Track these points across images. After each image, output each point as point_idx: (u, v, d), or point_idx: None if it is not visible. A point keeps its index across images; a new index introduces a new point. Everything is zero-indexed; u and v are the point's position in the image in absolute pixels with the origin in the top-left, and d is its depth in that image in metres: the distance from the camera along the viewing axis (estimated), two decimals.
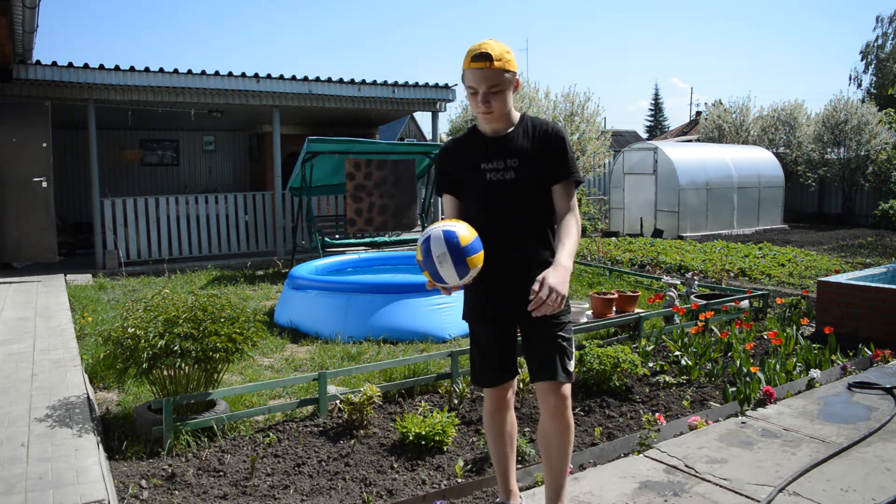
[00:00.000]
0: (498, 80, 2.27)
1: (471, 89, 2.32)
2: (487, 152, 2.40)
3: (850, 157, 17.34)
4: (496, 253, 2.35)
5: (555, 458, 2.42)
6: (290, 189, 10.51)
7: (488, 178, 2.38)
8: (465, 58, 2.31)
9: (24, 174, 9.58)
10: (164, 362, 3.57)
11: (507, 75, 2.29)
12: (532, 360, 2.43)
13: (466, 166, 2.43)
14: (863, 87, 33.87)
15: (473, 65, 2.26)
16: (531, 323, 2.36)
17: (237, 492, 3.07)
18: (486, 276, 2.36)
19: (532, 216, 2.40)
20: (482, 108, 2.31)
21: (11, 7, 6.52)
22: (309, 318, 6.10)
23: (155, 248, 10.39)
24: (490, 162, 2.38)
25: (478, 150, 2.42)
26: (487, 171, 2.38)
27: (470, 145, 2.45)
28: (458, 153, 2.48)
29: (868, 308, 5.35)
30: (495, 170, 2.37)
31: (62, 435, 3.35)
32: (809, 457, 3.12)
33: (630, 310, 5.83)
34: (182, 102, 10.54)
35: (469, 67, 2.29)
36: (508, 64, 2.29)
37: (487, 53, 2.24)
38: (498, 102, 2.31)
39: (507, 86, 2.31)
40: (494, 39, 2.32)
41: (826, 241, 13.29)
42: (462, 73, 2.34)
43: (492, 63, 2.25)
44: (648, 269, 9.66)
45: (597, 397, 4.23)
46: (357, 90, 11.32)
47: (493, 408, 2.58)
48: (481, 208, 2.41)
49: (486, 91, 2.28)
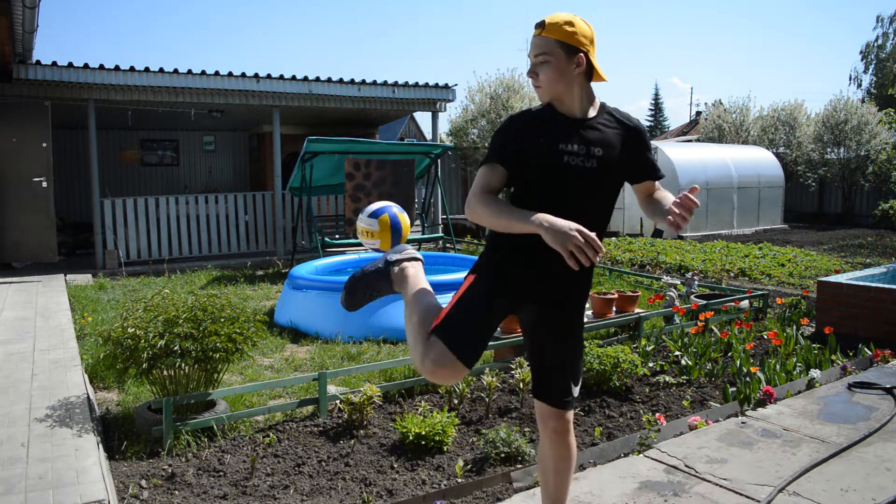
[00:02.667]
0: (545, 49, 2.04)
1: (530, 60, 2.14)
2: (569, 133, 2.09)
3: (850, 157, 17.34)
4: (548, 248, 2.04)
5: (553, 482, 2.28)
6: (290, 189, 10.52)
7: (566, 161, 2.06)
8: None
9: (24, 174, 9.59)
10: (164, 362, 3.57)
11: (560, 48, 2.03)
12: (540, 376, 2.22)
13: (541, 143, 2.07)
14: (863, 87, 33.89)
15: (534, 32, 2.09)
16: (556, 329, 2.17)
17: (237, 492, 3.07)
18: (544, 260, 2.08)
19: (601, 212, 2.17)
20: (532, 79, 2.10)
21: (11, 7, 6.53)
22: (309, 318, 6.10)
23: (155, 248, 10.39)
24: (570, 144, 2.07)
25: (556, 127, 2.10)
26: (566, 153, 2.07)
27: (546, 120, 2.12)
28: (532, 125, 2.12)
29: (868, 308, 5.35)
30: (576, 154, 2.07)
31: (62, 435, 3.35)
32: (809, 457, 3.12)
33: (630, 310, 5.83)
34: (182, 102, 10.55)
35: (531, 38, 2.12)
36: (564, 35, 2.03)
37: (542, 20, 2.06)
38: (545, 75, 2.06)
39: (559, 59, 2.04)
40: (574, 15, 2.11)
41: (826, 241, 13.29)
42: None
43: (542, 30, 2.06)
44: (648, 269, 9.66)
45: (597, 397, 4.23)
46: (357, 90, 11.32)
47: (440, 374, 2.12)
48: (552, 193, 2.08)
49: (534, 60, 2.08)
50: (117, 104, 10.20)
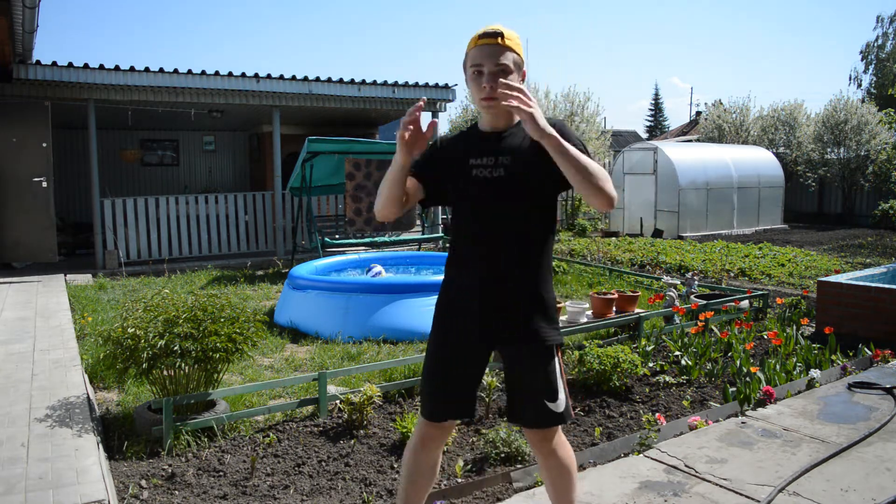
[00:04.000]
0: (507, 61, 2.02)
1: (475, 68, 2.04)
2: (480, 147, 2.12)
3: (849, 157, 17.34)
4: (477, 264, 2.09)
5: (554, 494, 2.23)
6: (290, 189, 10.52)
7: (473, 175, 2.10)
8: (469, 41, 2.09)
9: (24, 174, 9.59)
10: (164, 362, 3.57)
11: (517, 58, 2.06)
12: (515, 401, 2.16)
13: (454, 162, 2.14)
14: (863, 87, 33.87)
15: (482, 41, 2.04)
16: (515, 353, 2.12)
17: (237, 492, 3.07)
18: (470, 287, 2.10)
19: (524, 216, 2.08)
20: (486, 90, 2.02)
21: (11, 7, 6.53)
22: (309, 318, 6.10)
23: (155, 248, 10.39)
24: (480, 158, 2.11)
25: (470, 146, 2.15)
26: (474, 166, 2.10)
27: (463, 141, 2.19)
28: (449, 146, 2.20)
29: (868, 308, 5.35)
30: (483, 166, 2.09)
31: (62, 435, 3.35)
32: (809, 457, 3.11)
33: (630, 310, 5.83)
34: (182, 102, 10.55)
35: (476, 45, 2.05)
36: (518, 48, 2.06)
37: (499, 31, 2.03)
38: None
39: (516, 71, 2.05)
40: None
41: (826, 241, 13.29)
42: (465, 57, 2.10)
43: (503, 39, 2.03)
44: (648, 269, 9.66)
45: (597, 397, 4.23)
46: (357, 90, 11.32)
47: (427, 442, 2.22)
48: (466, 206, 2.13)
49: (494, 70, 2.01)
50: (117, 104, 10.20)
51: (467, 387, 2.19)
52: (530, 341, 2.09)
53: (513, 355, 2.14)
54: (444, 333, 2.18)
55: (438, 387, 2.18)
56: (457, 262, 2.19)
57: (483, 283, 2.09)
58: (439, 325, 2.20)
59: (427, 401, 2.20)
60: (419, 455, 2.24)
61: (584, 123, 15.14)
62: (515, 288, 2.09)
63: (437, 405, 2.18)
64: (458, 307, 2.15)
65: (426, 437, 2.22)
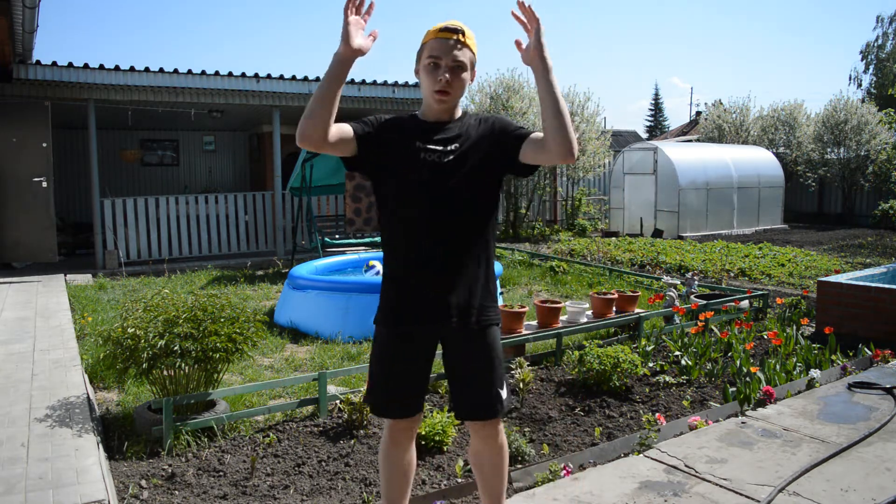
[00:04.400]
0: (464, 58, 2.06)
1: (432, 60, 2.06)
2: (427, 134, 2.12)
3: (849, 157, 17.33)
4: (423, 251, 2.10)
5: (490, 480, 2.30)
6: (290, 189, 10.52)
7: (422, 157, 2.09)
8: (427, 32, 2.10)
9: (24, 174, 9.59)
10: (164, 362, 3.57)
11: (472, 57, 2.11)
12: (459, 394, 2.21)
13: (399, 142, 2.11)
14: (863, 87, 33.87)
15: (441, 34, 2.06)
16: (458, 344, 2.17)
17: (237, 492, 3.07)
18: (409, 278, 2.12)
19: (468, 212, 2.12)
20: (442, 82, 2.03)
21: (11, 7, 6.53)
22: (309, 318, 6.10)
23: (155, 248, 10.39)
24: (428, 143, 2.11)
25: (415, 132, 2.13)
26: (422, 150, 2.10)
27: (407, 127, 2.15)
28: (392, 126, 2.14)
29: (868, 308, 5.35)
30: (432, 151, 2.09)
31: (62, 435, 3.35)
32: (809, 457, 3.12)
33: (630, 310, 5.83)
34: (182, 102, 10.55)
35: (435, 37, 2.06)
36: (474, 48, 2.11)
37: (459, 27, 2.07)
38: (458, 83, 2.07)
39: (470, 69, 2.10)
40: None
41: (826, 241, 13.29)
42: (420, 48, 2.11)
43: (463, 36, 2.06)
44: (648, 269, 9.66)
45: (597, 397, 4.23)
46: (357, 90, 11.32)
47: (390, 440, 2.28)
48: (410, 194, 2.11)
49: (451, 64, 2.05)
50: (117, 104, 10.20)
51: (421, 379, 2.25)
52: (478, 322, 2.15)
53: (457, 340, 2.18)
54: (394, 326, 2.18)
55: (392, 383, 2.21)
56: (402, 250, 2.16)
57: (432, 267, 2.11)
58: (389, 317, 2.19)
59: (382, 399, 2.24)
60: (392, 453, 2.30)
61: (584, 123, 15.11)
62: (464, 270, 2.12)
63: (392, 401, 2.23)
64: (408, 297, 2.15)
65: (395, 434, 2.27)
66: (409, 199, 2.12)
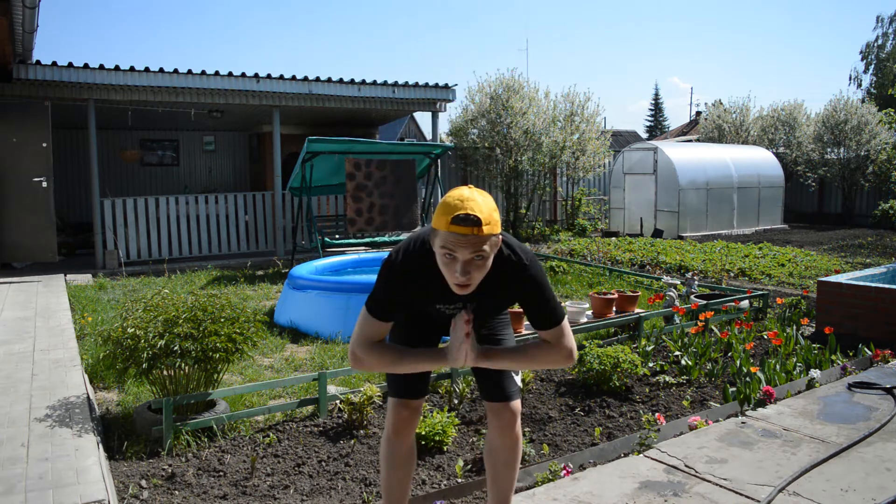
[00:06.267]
0: (486, 247, 1.86)
1: (447, 252, 1.87)
2: (444, 294, 2.05)
3: (849, 157, 17.32)
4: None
5: (502, 473, 2.35)
6: (290, 189, 10.52)
7: (439, 309, 2.16)
8: (439, 213, 1.87)
9: (24, 174, 9.59)
10: (164, 362, 3.57)
11: (495, 239, 1.89)
12: (482, 379, 2.32)
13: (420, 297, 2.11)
14: (863, 87, 33.90)
15: (455, 228, 1.82)
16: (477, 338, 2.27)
17: (237, 492, 3.07)
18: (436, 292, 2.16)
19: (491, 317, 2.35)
20: (461, 279, 1.88)
21: (11, 7, 6.52)
22: (309, 318, 6.10)
23: (155, 248, 10.39)
24: (446, 304, 2.12)
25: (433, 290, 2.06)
26: (440, 307, 2.15)
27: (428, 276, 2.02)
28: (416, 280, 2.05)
29: (868, 308, 5.35)
30: (450, 308, 2.14)
31: (62, 435, 3.35)
32: (809, 457, 3.12)
33: (630, 310, 5.83)
34: (182, 102, 10.55)
35: (449, 230, 1.83)
36: (496, 226, 1.88)
37: (476, 217, 1.82)
38: (480, 272, 1.90)
39: (493, 251, 1.91)
40: (476, 190, 1.92)
41: (826, 241, 13.29)
42: (432, 231, 1.91)
43: (480, 229, 1.82)
44: (648, 269, 9.66)
45: (597, 397, 4.23)
46: (357, 90, 11.32)
47: (393, 431, 2.31)
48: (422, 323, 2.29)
49: (470, 259, 1.86)
50: (117, 104, 10.20)
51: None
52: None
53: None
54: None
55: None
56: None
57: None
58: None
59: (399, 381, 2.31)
60: (394, 442, 2.34)
61: (584, 123, 15.10)
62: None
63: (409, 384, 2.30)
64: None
65: (398, 421, 2.31)
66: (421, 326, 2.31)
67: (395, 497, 2.39)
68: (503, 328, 2.39)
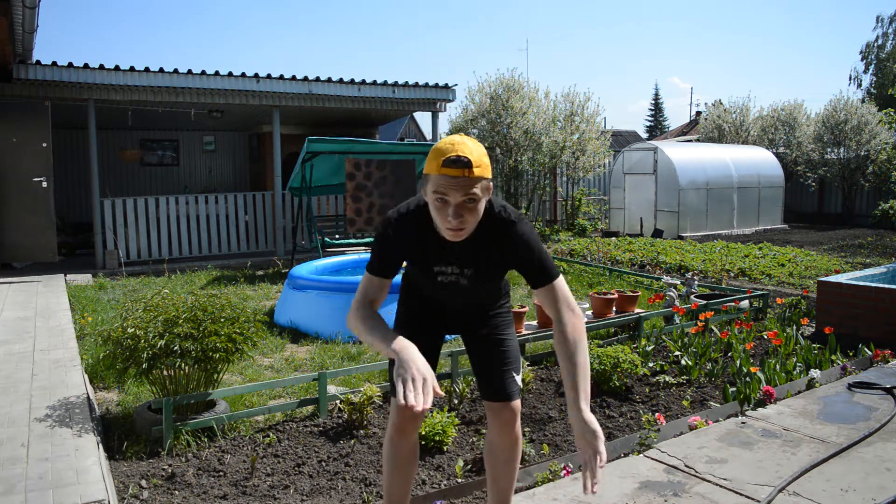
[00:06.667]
0: (477, 189, 1.89)
1: (438, 196, 1.89)
2: (441, 255, 2.11)
3: (849, 157, 17.33)
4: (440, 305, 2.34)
5: (502, 472, 2.37)
6: (290, 189, 10.52)
7: (439, 280, 2.18)
8: (430, 158, 1.90)
9: (24, 174, 9.59)
10: (164, 362, 3.57)
11: (486, 182, 1.92)
12: (483, 378, 2.34)
13: (417, 257, 2.16)
14: (863, 87, 33.89)
15: (447, 171, 1.85)
16: (476, 339, 2.36)
17: (237, 492, 3.07)
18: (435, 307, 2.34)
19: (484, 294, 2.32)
20: (453, 222, 1.90)
21: (11, 7, 6.52)
22: (309, 318, 6.10)
23: (155, 248, 10.39)
24: (441, 265, 2.14)
25: (429, 249, 2.11)
26: (438, 272, 2.16)
27: (423, 234, 2.08)
28: (411, 237, 2.10)
29: (868, 308, 5.35)
30: (447, 273, 2.16)
31: (62, 435, 3.35)
32: (809, 457, 3.12)
33: (630, 310, 5.83)
34: (182, 102, 10.55)
35: (440, 173, 1.86)
36: (487, 170, 1.91)
37: (467, 159, 1.85)
38: (472, 216, 1.92)
39: (485, 195, 1.93)
40: (467, 137, 1.95)
41: (826, 241, 13.29)
42: (425, 177, 1.93)
43: (471, 171, 1.86)
44: (648, 269, 9.66)
45: (597, 397, 4.23)
46: (357, 90, 11.32)
47: (396, 430, 2.30)
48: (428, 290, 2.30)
49: (462, 202, 1.88)
50: (117, 104, 10.20)
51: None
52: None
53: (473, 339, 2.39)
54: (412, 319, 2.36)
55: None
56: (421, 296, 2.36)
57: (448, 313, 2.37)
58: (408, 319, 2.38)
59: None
60: (397, 441, 2.33)
61: (584, 123, 15.10)
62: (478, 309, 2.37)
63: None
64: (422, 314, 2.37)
65: (402, 422, 2.29)
66: (428, 292, 2.31)
67: (396, 497, 2.39)
68: (506, 328, 2.38)
